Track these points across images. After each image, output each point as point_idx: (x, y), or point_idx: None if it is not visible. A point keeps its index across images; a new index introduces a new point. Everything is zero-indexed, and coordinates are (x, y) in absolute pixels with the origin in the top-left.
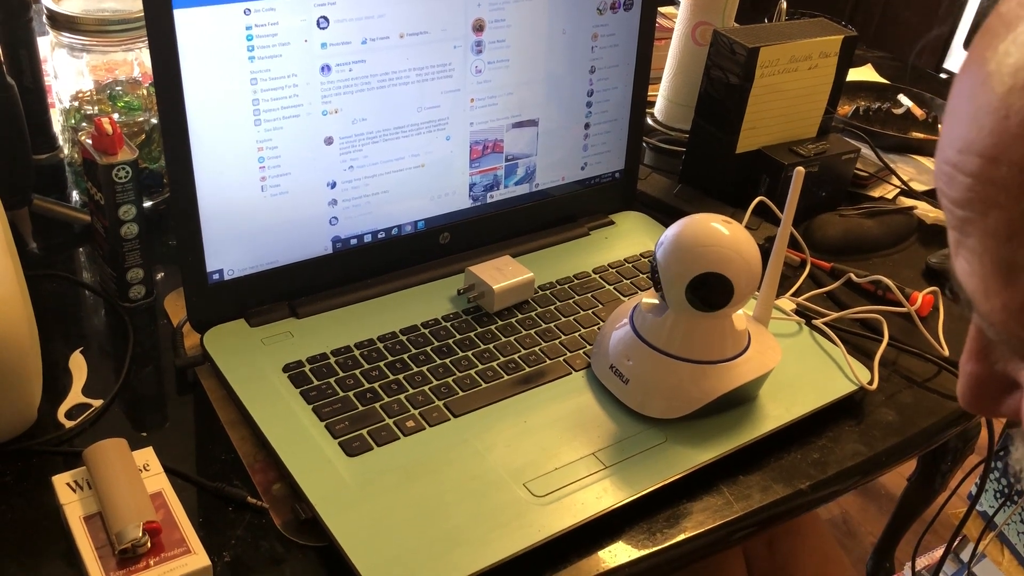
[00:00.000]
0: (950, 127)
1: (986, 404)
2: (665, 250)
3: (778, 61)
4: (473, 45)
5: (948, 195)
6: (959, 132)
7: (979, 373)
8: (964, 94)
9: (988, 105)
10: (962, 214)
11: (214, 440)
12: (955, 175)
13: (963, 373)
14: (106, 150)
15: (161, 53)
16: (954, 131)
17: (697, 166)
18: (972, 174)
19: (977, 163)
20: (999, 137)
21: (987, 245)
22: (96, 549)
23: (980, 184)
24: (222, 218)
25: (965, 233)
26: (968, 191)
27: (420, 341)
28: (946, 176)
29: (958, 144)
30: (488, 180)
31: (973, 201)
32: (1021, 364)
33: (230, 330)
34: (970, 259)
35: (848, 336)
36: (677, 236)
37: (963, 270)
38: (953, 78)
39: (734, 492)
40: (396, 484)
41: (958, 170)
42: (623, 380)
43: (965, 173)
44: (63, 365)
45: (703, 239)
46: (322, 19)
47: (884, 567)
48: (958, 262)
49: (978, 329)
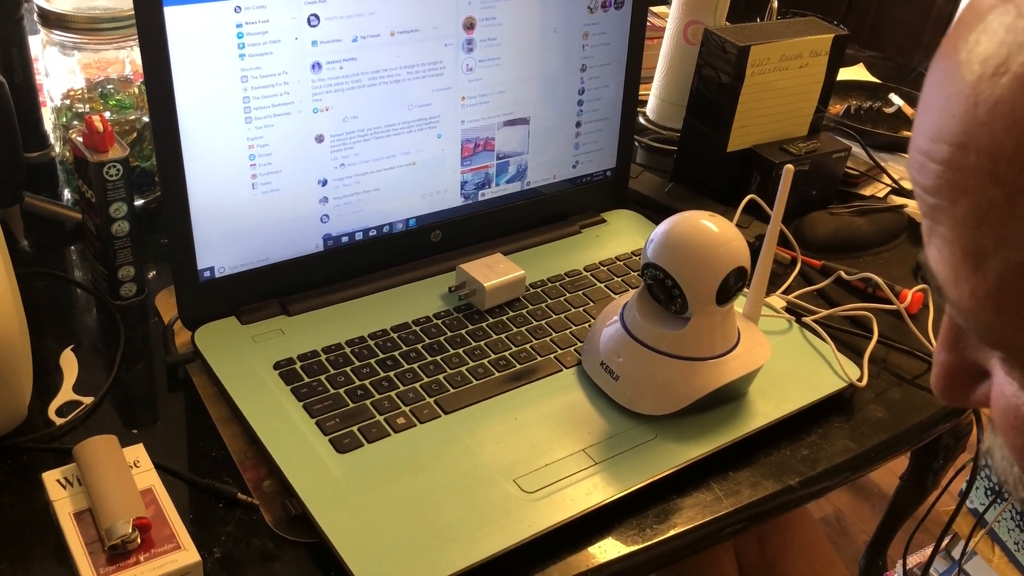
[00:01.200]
0: (922, 116)
1: (958, 393)
2: (683, 255)
3: (769, 60)
4: (464, 43)
5: (920, 183)
6: (931, 121)
7: (951, 362)
8: (936, 84)
9: (958, 94)
10: (933, 202)
11: (205, 437)
12: (926, 163)
13: (936, 363)
14: (97, 148)
15: (151, 51)
16: (926, 120)
17: (689, 164)
18: (942, 162)
19: (947, 151)
20: (967, 125)
21: (957, 232)
22: (86, 545)
23: (950, 171)
24: (213, 216)
25: (936, 221)
26: (938, 179)
27: (411, 338)
28: (918, 164)
29: (930, 133)
30: (479, 178)
31: (943, 188)
32: (990, 353)
33: (221, 328)
34: (941, 247)
35: (838, 333)
36: (690, 240)
37: (935, 258)
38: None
39: (723, 488)
40: (386, 480)
41: (929, 158)
42: (613, 377)
43: (936, 161)
44: (54, 363)
45: (720, 238)
46: (313, 17)
47: (877, 565)
48: (931, 250)
49: (950, 318)
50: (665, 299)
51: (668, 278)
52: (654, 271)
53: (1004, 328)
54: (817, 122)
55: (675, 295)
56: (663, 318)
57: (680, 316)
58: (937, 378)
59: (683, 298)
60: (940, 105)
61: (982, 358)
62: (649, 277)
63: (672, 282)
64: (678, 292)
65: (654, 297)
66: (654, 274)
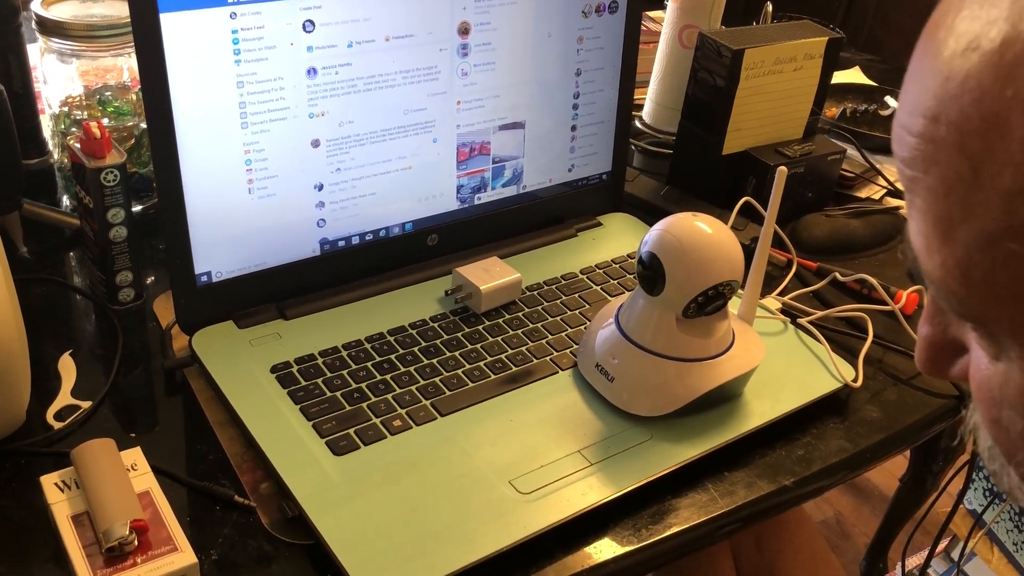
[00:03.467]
0: (904, 92)
1: (940, 367)
2: (676, 257)
3: (763, 63)
4: (459, 48)
5: (899, 155)
6: (910, 95)
7: (933, 335)
8: (917, 60)
9: (934, 69)
10: (910, 173)
11: (202, 440)
12: (904, 135)
13: (919, 336)
14: (94, 154)
15: (148, 57)
16: (907, 95)
17: (684, 167)
18: (918, 134)
19: (921, 123)
20: (940, 98)
21: (928, 202)
22: (83, 548)
23: (923, 143)
24: (210, 220)
25: (913, 192)
26: (913, 150)
27: (407, 342)
28: (898, 137)
29: (908, 106)
30: (475, 182)
31: (917, 160)
32: (966, 326)
33: (218, 332)
34: (917, 218)
35: (833, 334)
36: (686, 245)
37: (912, 229)
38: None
39: (719, 488)
40: (382, 482)
41: (906, 131)
42: (609, 378)
43: (912, 133)
44: (53, 368)
45: (714, 252)
46: (308, 23)
47: (878, 567)
48: (910, 223)
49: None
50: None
51: (654, 274)
52: (646, 263)
53: (972, 299)
54: (812, 125)
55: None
56: (658, 320)
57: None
58: (920, 351)
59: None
60: (919, 80)
61: (960, 332)
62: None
63: (653, 278)
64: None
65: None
66: (646, 264)
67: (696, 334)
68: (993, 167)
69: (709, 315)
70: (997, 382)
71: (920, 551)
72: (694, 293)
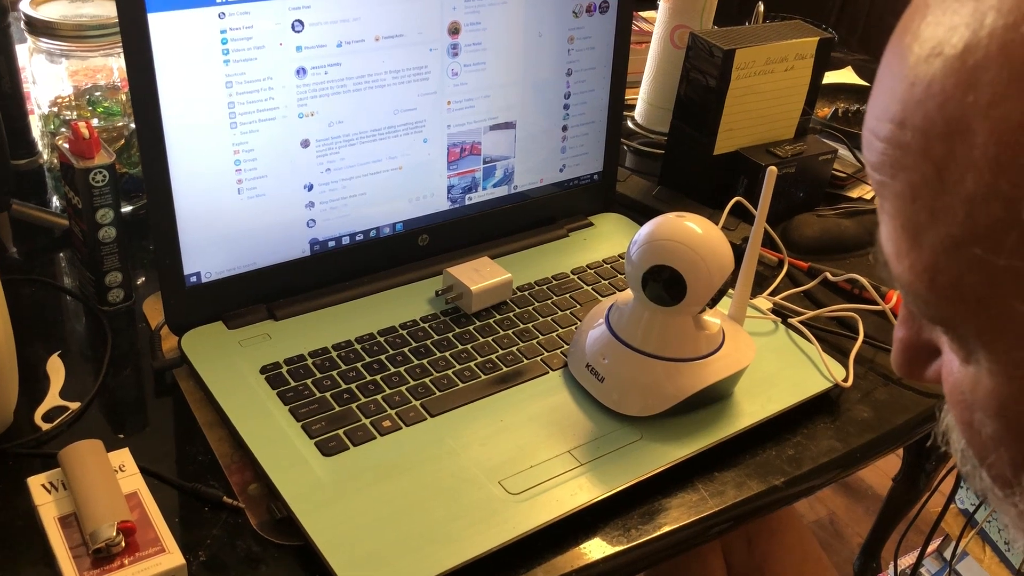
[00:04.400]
0: (873, 97)
1: (914, 370)
2: (631, 245)
3: (754, 63)
4: (449, 48)
5: (868, 160)
6: (878, 101)
7: (907, 339)
8: (885, 66)
9: (900, 74)
10: (879, 178)
11: (191, 441)
12: (872, 141)
13: (895, 339)
14: (83, 154)
15: (136, 57)
16: (875, 101)
17: (676, 168)
18: (885, 139)
19: (887, 128)
20: (906, 103)
21: (896, 207)
22: (70, 549)
23: (891, 148)
24: (199, 221)
25: (883, 197)
26: (881, 155)
27: (398, 342)
28: (867, 142)
29: (876, 112)
30: (466, 182)
31: (885, 165)
32: (938, 330)
33: (208, 332)
34: (886, 222)
35: (824, 334)
36: (642, 231)
37: (883, 234)
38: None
39: (709, 488)
40: (372, 483)
41: (875, 136)
42: (599, 378)
43: (879, 138)
44: (41, 369)
45: (662, 233)
46: (297, 22)
47: (871, 567)
48: (881, 227)
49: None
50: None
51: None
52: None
53: (941, 303)
54: (804, 125)
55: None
56: (648, 320)
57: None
58: (896, 354)
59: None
60: (887, 85)
61: (933, 335)
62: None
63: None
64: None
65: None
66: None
67: (687, 334)
68: (956, 172)
69: (665, 303)
70: (968, 385)
71: (913, 551)
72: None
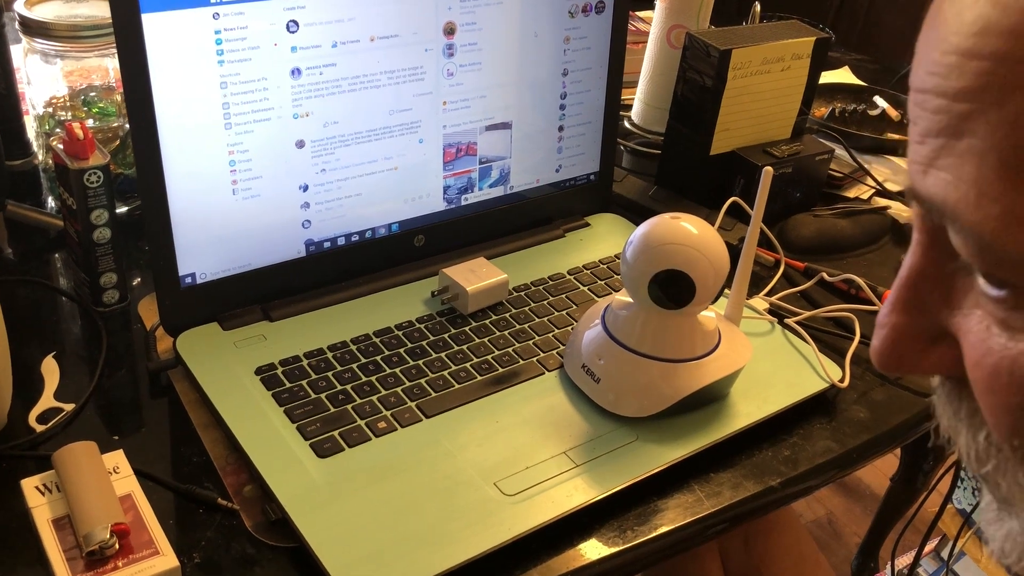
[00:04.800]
0: (953, 16)
1: (908, 360)
2: (629, 248)
3: (750, 63)
4: (444, 48)
5: (948, 90)
6: (970, 16)
7: (907, 324)
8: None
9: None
10: (965, 108)
11: (186, 443)
12: (965, 63)
13: (884, 327)
14: (77, 155)
15: (130, 58)
16: (961, 17)
17: (672, 168)
18: (991, 55)
19: (994, 43)
20: (1021, 12)
21: (997, 139)
22: (64, 551)
23: (1004, 66)
24: (194, 222)
25: (960, 134)
26: (986, 76)
27: (393, 343)
28: (946, 70)
29: (972, 27)
30: (462, 183)
31: (989, 88)
32: (955, 312)
33: (203, 333)
34: (959, 166)
35: (820, 335)
36: (641, 234)
37: (945, 181)
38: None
39: (705, 489)
40: (367, 484)
41: (970, 56)
42: (595, 379)
43: (981, 56)
44: (36, 370)
45: (666, 237)
46: (292, 23)
47: (869, 567)
48: (934, 177)
49: (912, 274)
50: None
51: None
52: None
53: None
54: (800, 125)
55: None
56: (645, 321)
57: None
58: (886, 343)
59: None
60: (978, 2)
61: (944, 317)
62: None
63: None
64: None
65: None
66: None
67: (683, 335)
68: None
69: (676, 306)
70: (1018, 364)
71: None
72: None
